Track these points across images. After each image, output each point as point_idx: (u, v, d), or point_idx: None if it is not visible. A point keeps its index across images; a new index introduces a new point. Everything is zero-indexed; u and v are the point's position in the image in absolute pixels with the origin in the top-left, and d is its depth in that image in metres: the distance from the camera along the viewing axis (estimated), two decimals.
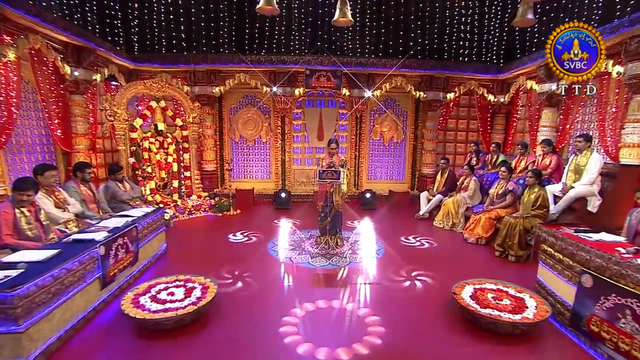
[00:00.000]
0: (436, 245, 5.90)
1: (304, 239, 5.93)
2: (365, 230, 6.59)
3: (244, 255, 5.22)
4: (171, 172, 7.64)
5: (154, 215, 4.87)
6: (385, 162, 9.37)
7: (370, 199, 8.25)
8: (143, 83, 7.00)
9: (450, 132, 9.48)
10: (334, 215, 5.45)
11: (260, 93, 8.60)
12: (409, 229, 6.68)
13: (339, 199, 5.26)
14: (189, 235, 6.21)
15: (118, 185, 5.36)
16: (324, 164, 5.36)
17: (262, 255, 5.23)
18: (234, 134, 9.10)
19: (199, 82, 8.30)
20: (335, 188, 5.24)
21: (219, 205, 7.63)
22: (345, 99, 8.84)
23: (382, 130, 9.17)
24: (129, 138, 6.84)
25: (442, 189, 7.33)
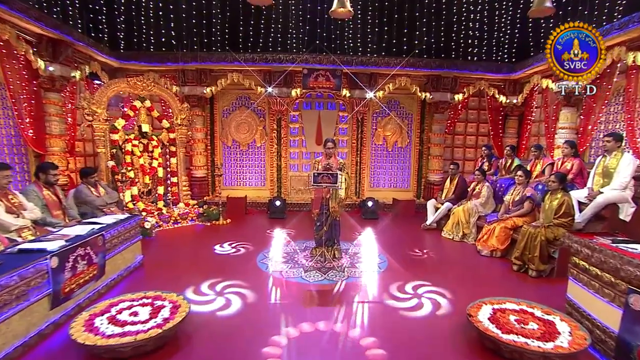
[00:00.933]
0: (446, 258, 5.44)
1: (298, 251, 5.52)
2: (367, 241, 6.17)
3: (230, 268, 4.80)
4: (156, 177, 7.24)
5: (128, 222, 4.43)
6: (388, 168, 8.99)
7: (372, 208, 7.85)
8: (126, 81, 6.64)
9: (458, 136, 9.10)
10: (331, 224, 5.02)
11: (254, 94, 8.28)
12: (415, 241, 6.27)
13: (336, 205, 4.82)
14: (171, 246, 5.81)
15: (90, 190, 4.94)
16: (319, 166, 4.95)
17: (250, 269, 4.79)
18: (226, 138, 8.74)
19: (188, 82, 7.99)
20: (332, 193, 4.81)
21: (207, 214, 7.20)
22: (346, 100, 8.52)
23: (386, 135, 8.80)
24: (109, 140, 6.45)
25: (451, 196, 6.90)
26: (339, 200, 4.83)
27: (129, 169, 6.68)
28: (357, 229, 6.91)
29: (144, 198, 7.07)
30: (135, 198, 6.77)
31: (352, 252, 5.53)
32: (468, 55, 8.39)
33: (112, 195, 5.18)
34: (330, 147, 4.90)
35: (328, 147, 4.90)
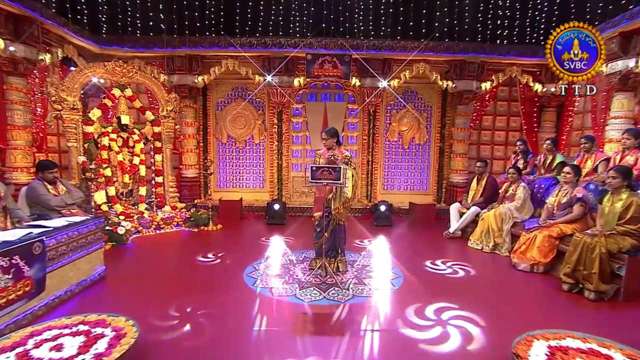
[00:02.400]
0: (474, 273, 4.68)
1: (296, 262, 4.86)
2: (378, 252, 5.45)
3: (209, 283, 4.16)
4: (137, 176, 6.67)
5: (84, 226, 3.81)
6: (404, 168, 8.36)
7: (385, 213, 7.20)
8: (103, 66, 6.09)
9: (485, 131, 8.43)
10: (334, 230, 4.34)
11: (252, 84, 7.74)
12: (437, 251, 5.55)
13: (340, 206, 4.12)
14: (147, 255, 5.22)
15: (47, 187, 4.34)
16: (321, 160, 4.30)
17: (234, 284, 4.13)
18: (221, 134, 8.18)
19: (178, 70, 7.48)
20: (335, 193, 4.12)
21: (195, 218, 6.58)
22: (356, 90, 7.92)
23: (401, 130, 8.17)
24: (82, 133, 5.89)
25: (478, 199, 6.15)
26: (345, 201, 4.15)
27: (105, 166, 6.11)
28: (367, 237, 6.22)
29: (123, 200, 6.49)
30: (113, 199, 6.19)
31: (359, 264, 4.82)
32: (497, 38, 7.66)
33: (75, 195, 4.58)
34: (324, 137, 4.27)
35: (322, 137, 4.30)
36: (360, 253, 5.28)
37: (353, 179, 4.10)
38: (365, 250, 5.47)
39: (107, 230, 5.29)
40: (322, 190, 4.28)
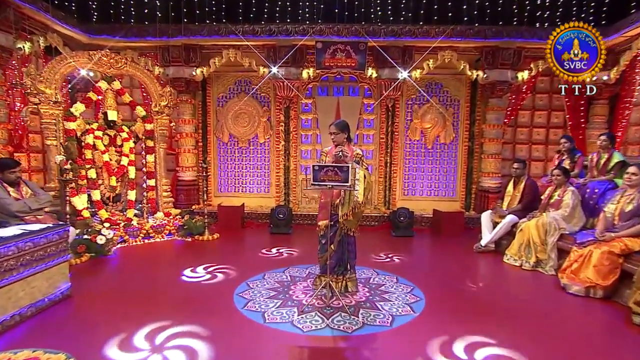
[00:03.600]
0: (513, 296, 4.03)
1: (298, 280, 4.36)
2: (396, 268, 4.88)
3: (193, 304, 3.67)
4: (126, 178, 6.28)
5: (42, 236, 3.38)
6: (427, 171, 7.81)
7: (405, 222, 6.71)
8: (88, 55, 5.74)
9: (522, 128, 7.79)
10: (342, 242, 3.83)
11: (256, 77, 7.33)
12: (466, 268, 4.95)
13: (350, 213, 3.61)
14: (127, 269, 4.80)
15: (7, 190, 3.95)
16: (327, 159, 3.84)
17: (220, 306, 3.65)
18: (222, 132, 7.78)
19: (174, 62, 7.12)
20: (343, 197, 3.63)
21: (189, 227, 6.13)
22: (372, 83, 7.45)
23: (424, 127, 7.65)
24: (63, 130, 5.54)
25: (516, 206, 5.54)
26: (355, 206, 3.62)
27: (88, 166, 5.74)
28: (383, 250, 5.65)
29: (109, 205, 6.10)
30: (97, 204, 5.79)
31: (373, 283, 4.25)
32: (536, 20, 6.98)
33: (41, 199, 4.18)
34: (333, 131, 3.80)
35: (330, 132, 3.83)
36: (375, 269, 4.72)
37: (365, 181, 3.55)
38: (380, 265, 4.90)
39: (85, 240, 4.89)
40: (327, 195, 3.78)
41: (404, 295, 3.91)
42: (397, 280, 4.37)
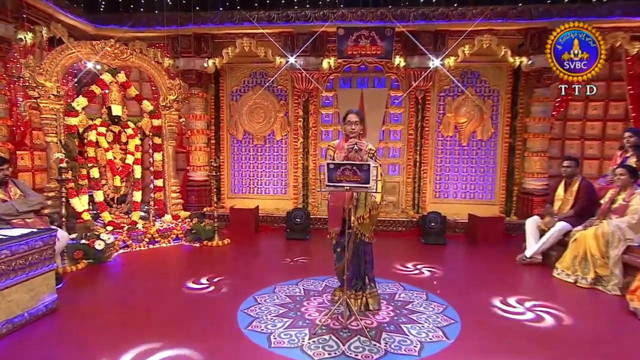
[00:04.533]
0: (569, 321, 3.53)
1: (313, 294, 4.01)
2: (426, 282, 4.46)
3: (190, 321, 3.37)
4: (131, 178, 6.11)
5: (22, 243, 3.15)
6: (462, 170, 7.39)
7: (436, 228, 6.30)
8: (90, 45, 5.59)
9: (573, 122, 7.23)
10: (357, 251, 3.50)
11: (273, 68, 7.09)
12: (508, 284, 4.46)
13: (365, 216, 3.31)
14: (125, 279, 4.60)
15: None
16: (337, 155, 3.50)
17: (221, 325, 3.33)
18: (236, 129, 7.57)
19: (184, 53, 6.97)
20: (356, 198, 3.34)
21: (197, 231, 5.87)
22: (400, 73, 7.10)
23: (458, 122, 7.24)
24: (63, 126, 5.40)
25: (568, 212, 5.01)
26: (373, 207, 3.33)
27: (91, 165, 5.58)
28: (410, 260, 5.22)
29: (113, 207, 5.93)
30: (101, 206, 5.62)
31: (398, 300, 3.84)
32: None
33: (31, 201, 3.97)
34: (352, 120, 3.49)
35: (349, 120, 3.51)
36: (401, 283, 4.29)
37: (381, 179, 3.27)
38: (407, 278, 4.49)
39: (83, 245, 4.68)
40: (339, 198, 3.42)
41: (435, 317, 3.47)
42: (426, 297, 3.94)
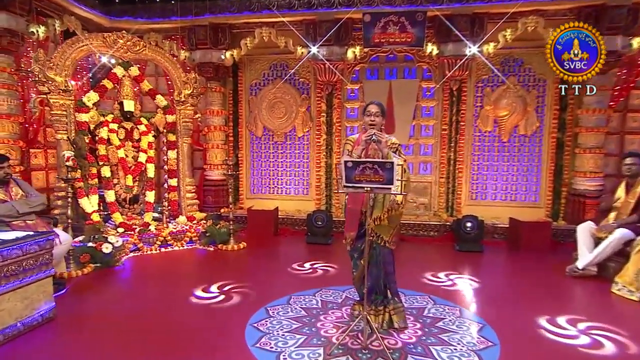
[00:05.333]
0: (635, 349, 3.08)
1: (331, 307, 3.75)
2: (461, 295, 4.13)
3: (194, 336, 3.16)
4: (144, 178, 6.06)
5: (14, 247, 3.03)
6: (502, 169, 6.95)
7: (472, 234, 5.92)
8: (102, 37, 5.56)
9: (635, 113, 6.63)
10: (375, 258, 3.22)
11: (294, 60, 6.90)
12: (557, 301, 4.04)
13: (384, 217, 3.07)
14: (132, 285, 4.49)
15: None
16: (355, 152, 3.20)
17: (227, 341, 3.11)
18: (255, 125, 7.43)
19: (200, 45, 6.88)
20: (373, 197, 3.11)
21: (211, 234, 5.73)
22: (433, 62, 6.77)
23: (498, 115, 6.81)
24: (74, 122, 5.39)
25: (630, 217, 4.55)
26: (392, 207, 3.08)
27: (101, 163, 5.54)
28: (442, 269, 4.89)
29: (126, 208, 5.88)
30: (112, 207, 5.57)
31: (427, 316, 3.52)
32: None
33: (32, 202, 3.90)
34: (372, 112, 3.20)
35: (370, 111, 3.23)
36: (431, 296, 3.95)
37: (405, 175, 2.96)
38: (438, 291, 4.16)
39: (90, 248, 4.60)
40: (358, 201, 3.17)
41: (470, 337, 3.13)
42: (460, 314, 3.59)
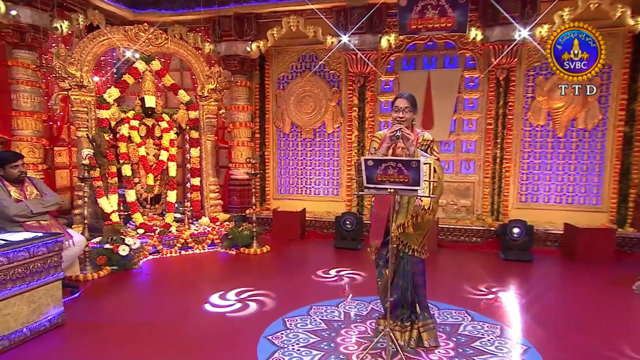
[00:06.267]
0: None
1: (354, 320, 3.61)
2: (505, 312, 3.86)
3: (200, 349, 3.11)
4: (166, 177, 6.16)
5: (20, 250, 3.08)
6: (557, 168, 6.60)
7: (520, 241, 5.67)
8: (123, 31, 5.71)
9: None
10: (402, 269, 3.09)
11: (324, 51, 6.87)
12: (625, 326, 3.70)
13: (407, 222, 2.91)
14: (145, 290, 4.57)
15: (6, 189, 3.81)
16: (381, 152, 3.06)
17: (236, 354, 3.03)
18: (282, 121, 7.44)
19: (225, 36, 6.99)
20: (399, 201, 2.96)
21: (233, 236, 5.74)
22: (477, 49, 6.54)
23: (553, 107, 6.45)
24: (95, 119, 5.55)
25: None
26: (417, 213, 2.91)
27: (122, 161, 5.71)
28: (483, 281, 4.66)
29: (146, 208, 6.00)
30: (133, 207, 5.69)
31: (462, 334, 3.31)
32: None
33: (47, 201, 4.00)
34: (401, 106, 3.03)
35: (398, 106, 3.06)
36: (468, 311, 3.73)
37: (435, 176, 2.77)
38: (477, 305, 3.93)
39: (106, 250, 4.69)
40: (386, 205, 3.03)
41: None
42: (501, 333, 3.35)
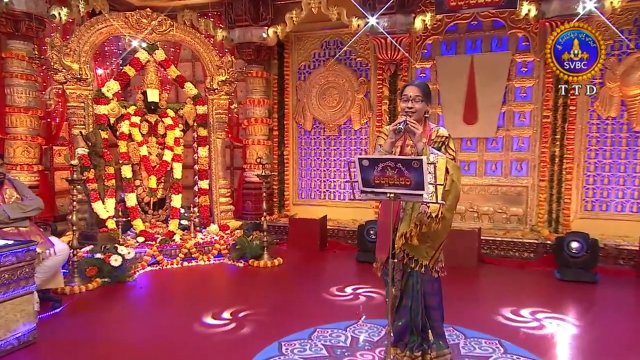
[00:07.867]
0: None
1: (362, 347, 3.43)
2: (545, 344, 3.55)
3: None
4: (170, 179, 6.22)
5: None
6: (633, 169, 6.22)
7: (581, 258, 5.31)
8: (124, 17, 5.80)
9: None
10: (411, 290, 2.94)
11: (350, 34, 6.73)
12: None
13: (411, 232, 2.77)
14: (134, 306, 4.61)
15: None
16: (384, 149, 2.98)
17: None
18: (303, 117, 7.40)
19: (239, 22, 6.98)
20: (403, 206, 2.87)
21: (241, 246, 5.69)
22: (531, 27, 6.31)
23: (628, 95, 6.11)
24: (92, 115, 5.68)
25: None
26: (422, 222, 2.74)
27: (122, 162, 5.78)
28: (529, 304, 4.36)
29: (149, 214, 6.06)
30: (133, 212, 5.75)
31: None
32: None
33: (27, 206, 4.04)
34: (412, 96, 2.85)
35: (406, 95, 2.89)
36: (502, 340, 3.44)
37: (448, 178, 2.66)
38: (515, 334, 3.63)
39: (97, 260, 4.73)
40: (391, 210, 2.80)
41: None
42: None
